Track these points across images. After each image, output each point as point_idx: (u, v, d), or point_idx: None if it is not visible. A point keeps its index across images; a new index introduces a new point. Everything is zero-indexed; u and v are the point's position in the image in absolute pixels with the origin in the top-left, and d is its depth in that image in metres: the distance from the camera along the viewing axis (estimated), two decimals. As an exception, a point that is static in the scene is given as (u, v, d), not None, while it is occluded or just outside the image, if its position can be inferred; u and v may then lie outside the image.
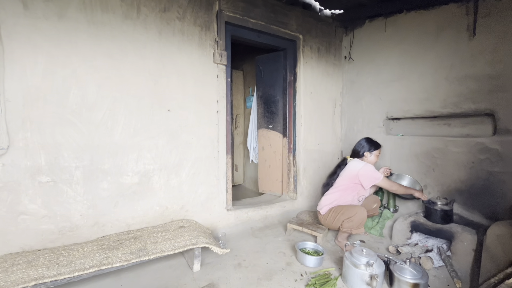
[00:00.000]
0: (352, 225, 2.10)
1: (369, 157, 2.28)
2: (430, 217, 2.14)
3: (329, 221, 2.25)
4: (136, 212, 2.05)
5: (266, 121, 3.28)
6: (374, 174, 2.15)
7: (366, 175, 2.15)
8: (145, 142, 2.06)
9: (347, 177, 2.25)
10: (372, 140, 2.33)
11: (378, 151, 2.30)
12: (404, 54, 2.70)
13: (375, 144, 2.31)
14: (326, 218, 2.26)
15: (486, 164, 2.11)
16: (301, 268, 1.88)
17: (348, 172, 2.24)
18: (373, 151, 2.28)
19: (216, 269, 1.84)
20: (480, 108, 2.15)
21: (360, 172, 2.16)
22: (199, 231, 2.01)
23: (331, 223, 2.24)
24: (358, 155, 2.31)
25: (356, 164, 2.22)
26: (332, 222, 2.22)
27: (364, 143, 2.32)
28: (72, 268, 1.43)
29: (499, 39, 2.04)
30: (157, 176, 2.12)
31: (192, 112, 2.26)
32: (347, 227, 2.12)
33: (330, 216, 2.23)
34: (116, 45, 1.91)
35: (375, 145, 2.30)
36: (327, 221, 2.27)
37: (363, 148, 2.30)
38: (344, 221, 2.12)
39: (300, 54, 2.94)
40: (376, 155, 2.29)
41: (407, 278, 1.55)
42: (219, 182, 2.44)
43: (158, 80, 2.09)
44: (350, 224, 2.10)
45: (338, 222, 2.18)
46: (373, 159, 2.29)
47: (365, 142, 2.32)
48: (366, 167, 2.17)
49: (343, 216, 2.13)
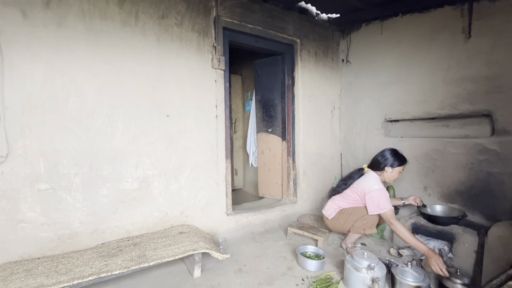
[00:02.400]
0: (365, 223, 2.02)
1: (390, 172, 2.04)
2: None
3: (339, 224, 2.16)
4: (136, 218, 2.04)
5: (265, 125, 3.29)
6: (382, 204, 1.89)
7: (373, 201, 1.93)
8: (144, 148, 2.06)
9: (357, 192, 2.07)
10: (398, 153, 2.08)
11: (402, 167, 2.06)
12: (401, 57, 2.72)
13: (400, 158, 2.06)
14: (336, 222, 2.17)
15: (485, 165, 2.12)
16: (302, 273, 1.87)
17: (360, 188, 2.05)
18: (396, 167, 2.03)
19: (216, 275, 1.83)
20: (478, 109, 2.16)
21: (370, 195, 1.95)
22: (199, 236, 2.00)
23: (342, 225, 2.14)
24: (378, 167, 2.08)
25: (371, 184, 1.99)
26: (343, 224, 2.13)
27: (388, 156, 2.06)
28: (71, 276, 1.42)
29: (494, 41, 2.06)
30: (157, 181, 2.12)
31: (191, 117, 2.27)
32: (360, 226, 2.04)
33: (340, 218, 2.13)
34: (115, 52, 1.92)
35: (399, 160, 2.05)
36: (336, 224, 2.18)
37: (386, 161, 2.05)
38: (357, 220, 2.05)
39: (298, 58, 2.97)
40: (398, 171, 2.05)
41: (409, 281, 1.54)
42: (219, 186, 2.44)
43: (157, 86, 2.10)
44: (364, 222, 2.02)
45: (349, 223, 2.09)
46: (394, 176, 2.06)
47: (390, 155, 2.06)
48: (378, 193, 1.92)
49: (355, 216, 2.06)
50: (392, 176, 2.06)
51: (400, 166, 2.05)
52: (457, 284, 1.52)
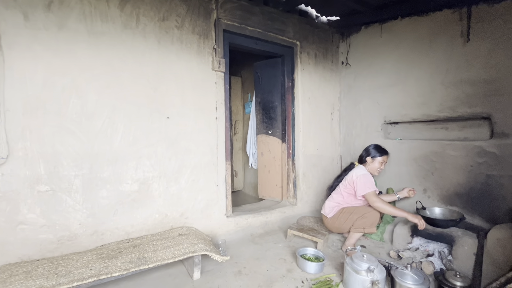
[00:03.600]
0: (365, 222, 2.10)
1: (371, 163, 2.27)
2: None
3: (338, 223, 2.24)
4: (136, 220, 2.04)
5: (265, 127, 3.30)
6: (367, 185, 2.12)
7: (360, 183, 2.14)
8: (144, 149, 2.06)
9: (348, 183, 2.26)
10: (379, 147, 2.32)
11: (382, 157, 2.27)
12: (400, 60, 2.74)
13: (380, 150, 2.29)
14: (335, 221, 2.26)
15: (484, 167, 2.12)
16: (302, 275, 1.87)
17: (349, 178, 2.26)
18: (376, 157, 2.26)
19: (216, 277, 1.83)
20: (477, 112, 2.17)
21: (357, 180, 2.17)
22: (199, 238, 2.00)
23: (341, 224, 2.22)
24: (361, 160, 2.33)
25: (357, 171, 2.22)
26: (343, 223, 2.21)
27: (370, 149, 2.32)
28: (71, 278, 1.42)
29: (492, 44, 2.07)
30: (157, 183, 2.12)
31: (191, 119, 2.27)
32: (360, 225, 2.12)
33: (341, 217, 2.22)
34: (116, 54, 1.93)
35: (380, 152, 2.28)
36: (336, 223, 2.26)
37: (367, 152, 2.31)
38: (357, 219, 2.13)
39: (298, 60, 2.98)
40: (379, 161, 2.26)
41: (409, 284, 1.54)
42: (219, 188, 2.44)
43: (157, 88, 2.11)
44: (363, 221, 2.11)
45: (350, 222, 2.17)
46: (376, 166, 2.27)
47: (371, 148, 2.32)
48: (364, 177, 2.16)
49: (355, 215, 2.15)
50: (374, 166, 2.26)
51: (381, 157, 2.25)
52: (456, 287, 1.52)
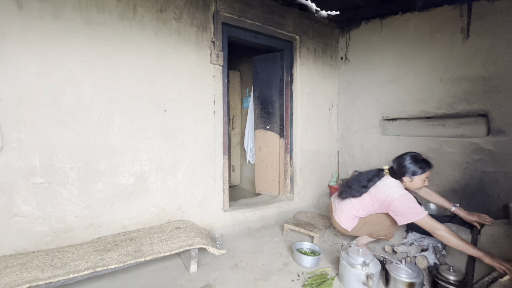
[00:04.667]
0: (389, 232, 1.97)
1: (409, 182, 1.76)
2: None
3: (360, 232, 2.01)
4: (132, 213, 2.03)
5: (263, 122, 3.29)
6: (414, 209, 1.62)
7: (402, 210, 1.65)
8: (141, 143, 2.05)
9: (378, 200, 1.79)
10: (419, 159, 1.76)
11: (425, 174, 1.74)
12: (399, 56, 2.73)
13: (422, 165, 1.74)
14: (357, 231, 2.01)
15: (480, 164, 2.14)
16: (298, 269, 1.88)
17: (381, 196, 1.77)
18: (416, 176, 1.73)
19: (212, 270, 1.84)
20: (474, 109, 2.17)
21: (396, 203, 1.66)
22: (196, 232, 2.00)
23: (364, 233, 2.01)
24: (396, 177, 1.82)
25: (394, 191, 1.71)
26: (364, 232, 2.01)
27: (407, 164, 1.74)
28: (67, 270, 1.42)
29: (492, 41, 2.07)
30: (153, 177, 2.11)
31: (189, 113, 2.26)
32: (383, 233, 1.97)
33: (363, 228, 1.97)
34: (112, 45, 1.90)
35: (421, 167, 1.73)
36: (357, 233, 2.02)
37: (403, 169, 1.75)
38: (380, 229, 1.95)
39: (297, 55, 2.96)
40: (421, 179, 1.74)
41: (403, 277, 1.56)
42: (216, 182, 2.44)
43: (155, 81, 2.09)
44: (388, 231, 1.96)
45: (371, 230, 1.99)
46: (417, 185, 1.77)
47: (408, 162, 1.74)
48: (404, 199, 1.65)
49: (379, 226, 1.94)
50: (414, 185, 1.77)
51: (423, 174, 1.73)
52: (450, 281, 1.54)
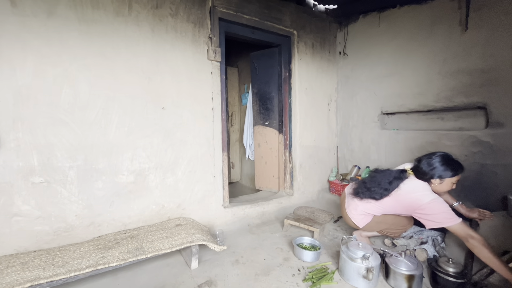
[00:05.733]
0: (401, 231, 1.99)
1: (438, 184, 1.63)
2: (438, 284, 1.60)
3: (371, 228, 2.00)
4: (133, 211, 2.03)
5: (261, 118, 3.28)
6: (447, 214, 1.51)
7: (434, 215, 1.53)
8: (140, 141, 2.04)
9: (402, 204, 1.68)
10: (451, 160, 1.63)
11: (457, 177, 1.61)
12: (398, 49, 2.72)
13: (455, 166, 1.61)
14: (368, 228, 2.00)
15: (478, 157, 2.14)
16: (298, 263, 1.90)
17: (406, 200, 1.66)
18: (446, 178, 1.60)
19: (213, 266, 1.85)
20: (473, 101, 2.17)
21: (426, 207, 1.55)
22: (196, 228, 2.01)
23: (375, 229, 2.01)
24: (422, 177, 1.67)
25: (423, 195, 1.59)
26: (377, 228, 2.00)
27: (438, 164, 1.60)
28: (68, 268, 1.42)
29: (490, 33, 2.06)
30: (153, 174, 2.11)
31: (187, 110, 2.25)
32: (394, 232, 2.00)
33: (376, 227, 1.97)
34: (108, 43, 1.88)
35: (454, 169, 1.60)
36: (368, 229, 2.02)
37: (434, 170, 1.61)
38: (395, 229, 1.97)
39: (295, 50, 2.94)
40: (451, 182, 1.61)
41: (403, 270, 1.57)
42: (216, 179, 2.44)
43: (152, 78, 2.07)
44: (401, 230, 1.98)
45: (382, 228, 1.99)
46: (445, 188, 1.64)
47: (439, 163, 1.60)
48: (436, 203, 1.54)
49: (394, 226, 1.94)
50: (442, 188, 1.65)
51: (453, 177, 1.61)
52: (449, 273, 1.56)
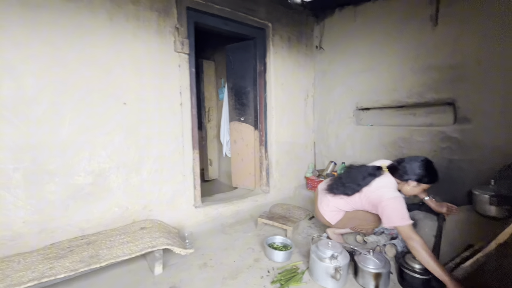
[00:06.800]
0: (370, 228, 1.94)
1: (413, 187, 1.66)
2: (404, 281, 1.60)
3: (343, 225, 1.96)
4: (92, 215, 1.89)
5: (237, 114, 3.18)
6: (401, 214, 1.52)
7: (389, 212, 1.55)
8: (98, 138, 1.88)
9: (368, 200, 1.70)
10: (432, 168, 1.66)
11: (429, 186, 1.67)
12: (373, 44, 2.69)
13: (433, 176, 1.64)
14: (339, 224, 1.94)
15: (447, 152, 2.17)
16: (269, 264, 1.84)
17: (371, 196, 1.67)
18: (422, 184, 1.64)
19: (179, 271, 1.75)
20: (442, 97, 2.19)
21: (384, 204, 1.57)
22: (162, 231, 1.90)
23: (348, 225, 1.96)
24: (400, 176, 1.67)
25: (387, 192, 1.61)
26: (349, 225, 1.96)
27: (419, 169, 1.63)
28: (7, 283, 1.27)
29: (459, 29, 2.06)
30: (115, 175, 1.96)
31: (152, 105, 2.10)
32: (365, 228, 1.94)
33: (349, 223, 1.93)
34: (58, 31, 1.70)
35: (430, 178, 1.64)
36: (339, 225, 1.96)
37: (414, 174, 1.63)
38: (366, 225, 1.92)
39: (270, 43, 2.84)
40: (423, 189, 1.68)
41: (370, 268, 1.56)
42: (186, 178, 2.32)
43: (111, 71, 1.91)
44: (373, 226, 1.92)
45: (354, 224, 1.95)
46: (415, 191, 1.69)
47: (421, 168, 1.63)
48: (394, 202, 1.55)
49: (364, 222, 1.89)
50: (412, 191, 1.69)
51: (428, 184, 1.65)
52: (415, 269, 1.56)
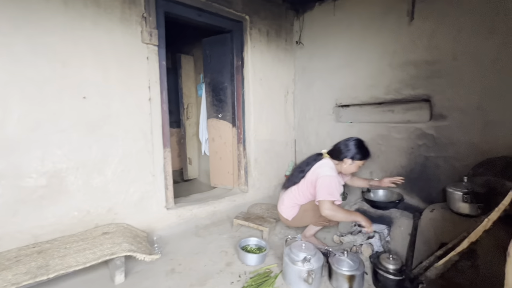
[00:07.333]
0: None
1: (349, 164, 1.84)
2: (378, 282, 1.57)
3: (302, 222, 1.99)
4: (46, 220, 1.72)
5: (215, 110, 3.05)
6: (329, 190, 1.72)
7: (321, 187, 1.73)
8: (53, 136, 1.71)
9: (311, 182, 1.84)
10: (363, 146, 1.87)
11: (363, 161, 1.86)
12: (352, 40, 2.64)
13: (364, 152, 1.85)
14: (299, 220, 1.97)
15: (423, 149, 2.16)
16: (241, 268, 1.75)
17: (313, 175, 1.84)
18: (356, 160, 1.83)
19: (143, 279, 1.62)
20: (419, 94, 2.17)
21: (320, 180, 1.75)
22: (127, 236, 1.76)
23: (305, 222, 1.99)
24: (337, 157, 1.86)
25: (324, 170, 1.80)
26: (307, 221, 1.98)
27: (352, 146, 1.84)
28: None
29: (435, 24, 2.04)
30: (73, 176, 1.80)
31: (117, 100, 1.95)
32: (325, 220, 1.88)
33: (304, 216, 1.94)
34: (4, 16, 1.51)
35: (362, 154, 1.84)
36: (297, 223, 2.00)
37: (348, 152, 1.83)
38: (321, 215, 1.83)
39: (248, 36, 2.73)
40: (358, 165, 1.85)
41: (344, 271, 1.50)
42: (156, 179, 2.18)
43: (68, 61, 1.74)
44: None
45: (314, 219, 1.93)
46: (352, 169, 1.87)
47: (354, 146, 1.84)
48: (329, 179, 1.75)
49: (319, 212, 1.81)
50: (350, 169, 1.87)
51: (361, 160, 1.85)
52: (388, 270, 1.51)
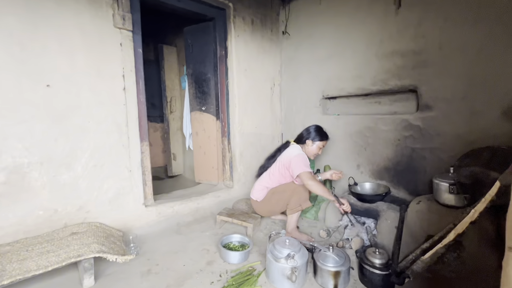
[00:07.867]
0: (300, 197, 2.00)
1: (310, 146, 2.15)
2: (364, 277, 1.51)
3: (271, 205, 2.12)
4: (6, 221, 1.56)
5: (198, 103, 2.92)
6: (302, 164, 1.98)
7: (296, 163, 1.99)
8: (12, 128, 1.54)
9: (283, 164, 2.10)
10: (322, 130, 2.19)
11: (322, 143, 2.16)
12: (338, 29, 2.57)
13: (322, 134, 2.17)
14: (267, 203, 2.12)
15: (410, 141, 2.12)
16: (222, 267, 1.66)
17: (284, 158, 2.11)
18: (316, 141, 2.13)
19: (116, 281, 1.50)
20: (405, 84, 2.12)
21: (293, 159, 2.02)
22: (99, 236, 1.63)
23: (274, 206, 2.11)
24: (301, 141, 2.18)
25: (293, 151, 2.09)
26: (275, 205, 2.10)
27: (312, 130, 2.17)
28: None
29: (422, 13, 1.98)
30: (37, 171, 1.64)
31: (86, 89, 1.79)
32: (295, 202, 2.01)
33: (272, 198, 2.11)
34: None
35: (320, 136, 2.15)
36: (267, 206, 2.14)
37: (309, 135, 2.16)
38: (291, 197, 2.02)
39: (231, 25, 2.61)
40: (318, 146, 2.14)
41: (329, 267, 1.44)
42: (133, 174, 2.04)
43: (27, 45, 1.57)
44: (298, 196, 2.00)
45: (282, 202, 2.07)
46: (314, 150, 2.15)
47: (313, 130, 2.17)
48: (300, 156, 2.03)
49: (287, 193, 2.04)
50: (312, 150, 2.14)
51: (321, 142, 2.14)
52: (374, 265, 1.46)
